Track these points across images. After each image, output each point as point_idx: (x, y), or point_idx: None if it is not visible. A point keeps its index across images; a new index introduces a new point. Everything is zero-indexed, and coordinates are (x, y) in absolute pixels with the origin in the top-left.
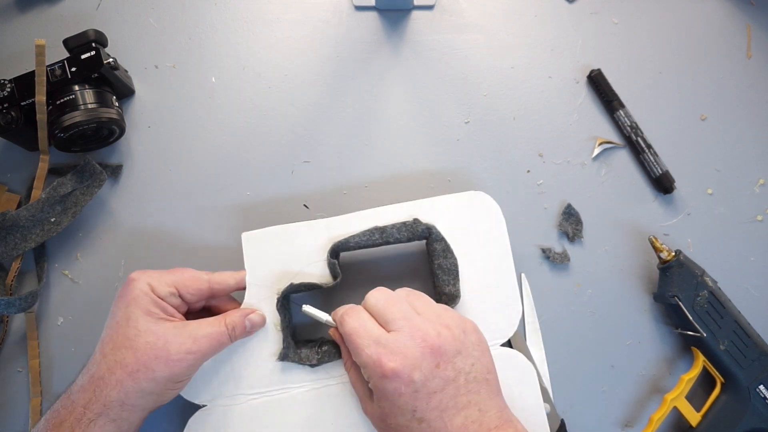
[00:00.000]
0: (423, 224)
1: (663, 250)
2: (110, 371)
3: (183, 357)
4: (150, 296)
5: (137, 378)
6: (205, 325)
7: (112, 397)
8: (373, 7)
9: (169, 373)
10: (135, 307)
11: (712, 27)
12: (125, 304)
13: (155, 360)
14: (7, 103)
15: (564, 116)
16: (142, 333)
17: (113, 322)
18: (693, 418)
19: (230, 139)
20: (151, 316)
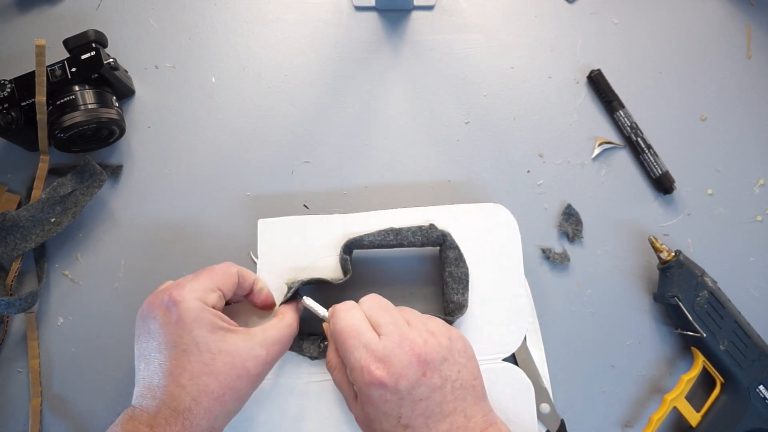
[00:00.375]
0: (438, 230)
1: (663, 250)
2: (196, 401)
3: (261, 369)
4: (208, 311)
5: (224, 401)
6: (272, 330)
7: (203, 426)
8: (373, 7)
9: (252, 388)
10: (199, 330)
11: (712, 27)
12: (186, 329)
13: (238, 380)
14: (7, 103)
15: (564, 116)
16: (218, 355)
17: (178, 352)
18: (693, 418)
19: (230, 139)
20: (217, 334)
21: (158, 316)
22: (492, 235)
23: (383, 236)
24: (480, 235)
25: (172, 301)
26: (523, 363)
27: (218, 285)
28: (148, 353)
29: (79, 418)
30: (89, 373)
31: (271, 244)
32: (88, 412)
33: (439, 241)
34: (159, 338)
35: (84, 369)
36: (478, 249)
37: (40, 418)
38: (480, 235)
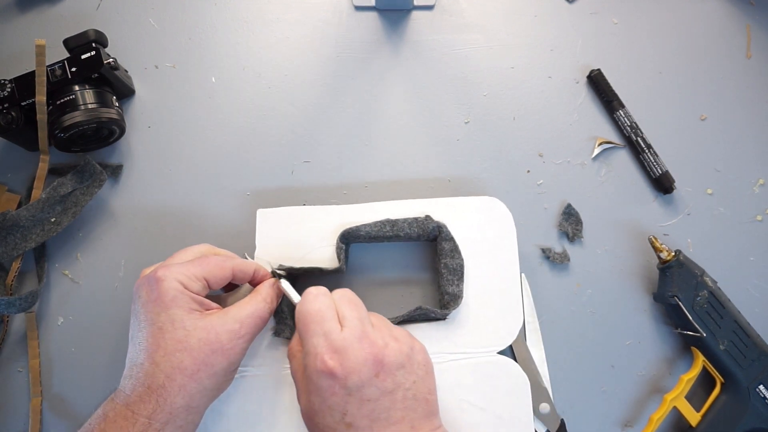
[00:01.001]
0: (434, 222)
1: (663, 250)
2: (170, 378)
3: (236, 343)
4: (186, 294)
5: (199, 378)
6: (245, 306)
7: (178, 404)
8: (373, 7)
9: (227, 363)
10: (176, 308)
11: (712, 27)
12: (164, 307)
13: (212, 354)
14: (7, 103)
15: (564, 116)
16: (192, 332)
17: (154, 328)
18: (693, 418)
19: (230, 139)
20: (193, 314)
21: (142, 294)
22: (487, 228)
23: (380, 227)
24: (475, 227)
25: (155, 279)
26: (523, 363)
27: (205, 275)
28: (133, 333)
29: (79, 418)
30: (89, 373)
31: (268, 233)
32: (88, 412)
33: (434, 233)
34: (140, 316)
35: (84, 369)
36: (473, 241)
37: (40, 418)
38: (475, 228)
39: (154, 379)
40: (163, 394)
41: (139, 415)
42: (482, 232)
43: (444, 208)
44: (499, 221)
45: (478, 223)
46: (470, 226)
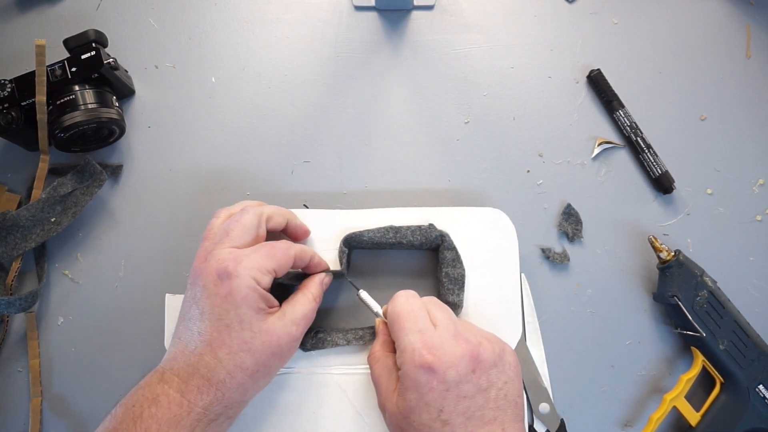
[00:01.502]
0: (437, 230)
1: (663, 250)
2: (230, 375)
3: (292, 346)
4: (258, 292)
5: (257, 377)
6: (299, 306)
7: (234, 399)
8: (373, 7)
9: (280, 364)
10: (246, 308)
11: (712, 27)
12: (234, 304)
13: (272, 357)
14: (8, 103)
15: (564, 116)
16: (257, 334)
17: (221, 324)
18: (692, 417)
19: (230, 139)
20: (260, 314)
21: (208, 284)
22: (490, 239)
23: (383, 233)
24: (478, 238)
25: (227, 273)
26: (523, 363)
27: (275, 267)
28: (188, 318)
29: (79, 418)
30: (89, 373)
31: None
32: (88, 412)
33: (437, 242)
34: (203, 307)
35: (84, 369)
36: (476, 252)
37: (40, 418)
38: (478, 239)
39: (215, 373)
40: (222, 389)
41: (195, 405)
42: (484, 242)
43: (447, 217)
44: (502, 233)
45: (481, 233)
46: (473, 237)
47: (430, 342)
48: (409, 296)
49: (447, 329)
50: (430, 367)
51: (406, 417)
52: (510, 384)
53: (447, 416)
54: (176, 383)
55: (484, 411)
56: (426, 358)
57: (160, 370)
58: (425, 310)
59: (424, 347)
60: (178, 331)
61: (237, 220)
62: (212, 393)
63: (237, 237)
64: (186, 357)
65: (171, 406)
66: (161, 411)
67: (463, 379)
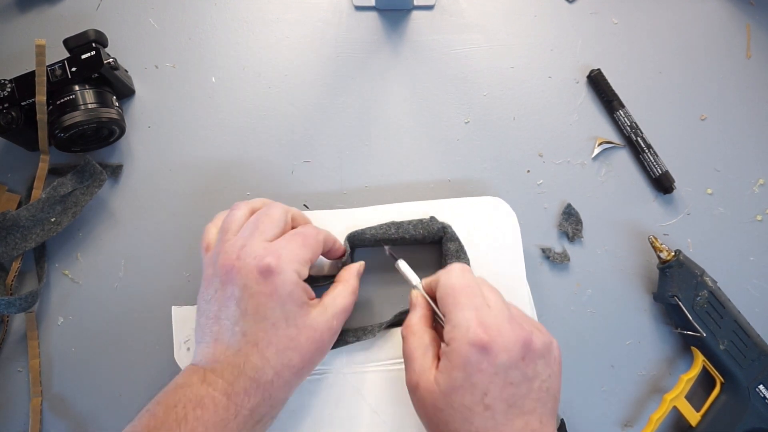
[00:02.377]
0: (439, 223)
1: (663, 250)
2: (278, 375)
3: (332, 339)
4: (301, 286)
5: (302, 374)
6: (339, 299)
7: (280, 398)
8: (373, 7)
9: (321, 358)
10: (291, 305)
11: (712, 27)
12: (279, 302)
13: (316, 352)
14: (7, 103)
15: (564, 116)
16: (302, 330)
17: (267, 324)
18: (693, 417)
19: (230, 139)
20: (304, 308)
21: (249, 282)
22: (492, 228)
23: (385, 229)
24: (480, 228)
25: (269, 270)
26: None
27: (311, 256)
28: (226, 317)
29: (79, 418)
30: (89, 373)
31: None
32: (88, 412)
33: (439, 234)
34: (245, 306)
35: (84, 369)
36: (478, 242)
37: (40, 418)
38: (480, 228)
39: (262, 374)
40: (269, 389)
41: (243, 407)
42: (486, 232)
43: (448, 209)
44: (503, 221)
45: (482, 223)
46: (474, 227)
47: (485, 321)
48: (465, 270)
49: (502, 311)
50: (484, 346)
51: (447, 396)
52: (553, 378)
53: (490, 401)
54: (221, 385)
55: (525, 401)
56: (481, 337)
57: (200, 371)
58: (480, 287)
59: (479, 325)
60: (214, 331)
61: (266, 213)
62: (260, 394)
63: (267, 230)
64: (229, 359)
65: (217, 410)
66: (207, 414)
67: (513, 365)
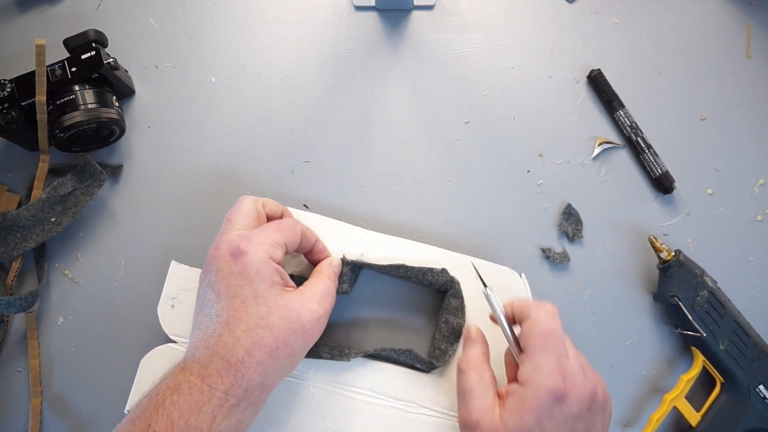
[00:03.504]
0: (448, 275)
1: (663, 250)
2: (249, 354)
3: (315, 324)
4: (271, 265)
5: (277, 356)
6: (316, 286)
7: (254, 381)
8: (373, 7)
9: (305, 344)
10: (260, 282)
11: (712, 27)
12: (248, 280)
13: (292, 334)
14: (8, 103)
15: (564, 116)
16: (274, 309)
17: (237, 302)
18: (693, 417)
19: (230, 139)
20: (275, 288)
21: (222, 266)
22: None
23: (394, 270)
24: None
25: (239, 251)
26: None
27: (285, 241)
28: (206, 304)
29: (79, 418)
30: (89, 373)
31: None
32: (88, 412)
33: (446, 287)
34: (218, 288)
35: (84, 369)
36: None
37: (40, 418)
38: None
39: (233, 353)
40: (242, 370)
41: (216, 389)
42: None
43: (462, 265)
44: (513, 294)
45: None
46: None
47: (565, 369)
48: (556, 314)
49: (576, 362)
50: (561, 394)
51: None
52: (605, 429)
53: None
54: (197, 369)
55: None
56: (560, 386)
57: (182, 360)
58: (563, 336)
59: (560, 373)
60: (197, 321)
61: (235, 208)
62: (232, 375)
63: (239, 221)
64: (206, 342)
65: (192, 393)
66: (183, 398)
67: (580, 416)
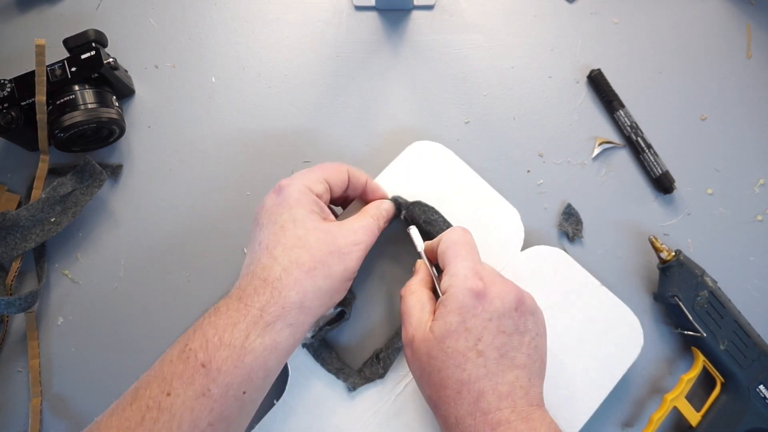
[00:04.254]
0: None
1: (663, 250)
2: (286, 272)
3: (352, 248)
4: (310, 196)
5: (315, 275)
6: (357, 220)
7: (292, 299)
8: (373, 7)
9: (343, 267)
10: (299, 208)
11: (712, 27)
12: (287, 207)
13: (329, 255)
14: (7, 103)
15: (564, 116)
16: (311, 231)
17: (276, 227)
18: (693, 418)
19: (230, 138)
20: (313, 215)
21: (266, 203)
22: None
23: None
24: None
25: (280, 187)
26: None
27: (326, 177)
28: (253, 241)
29: (79, 418)
30: (89, 373)
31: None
32: (88, 412)
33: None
34: (261, 220)
35: (84, 369)
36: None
37: (40, 418)
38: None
39: (270, 271)
40: (278, 287)
41: (252, 306)
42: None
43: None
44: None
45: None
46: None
47: (482, 272)
48: (466, 231)
49: (493, 269)
50: (479, 292)
51: (441, 341)
52: (540, 338)
53: (483, 347)
54: (236, 293)
55: (517, 354)
56: (477, 284)
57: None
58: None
59: (475, 274)
60: (245, 262)
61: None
62: (268, 292)
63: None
64: (248, 268)
65: (229, 311)
66: (219, 318)
67: (506, 314)
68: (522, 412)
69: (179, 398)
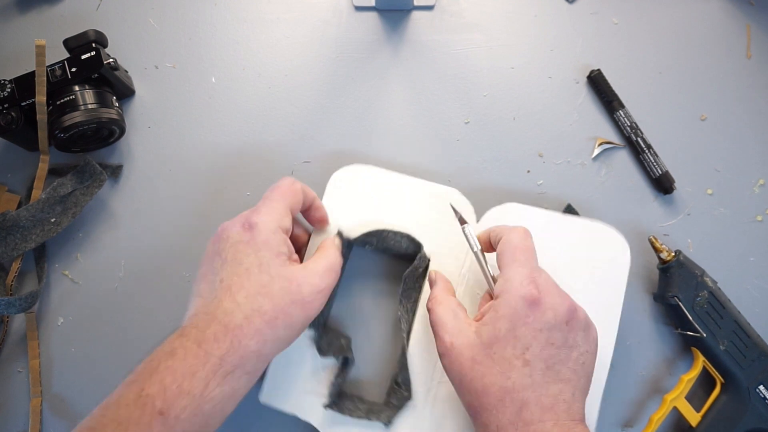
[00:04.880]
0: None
1: (663, 250)
2: (248, 320)
3: (315, 297)
4: (279, 236)
5: (275, 326)
6: (320, 261)
7: (251, 348)
8: (373, 7)
9: (305, 316)
10: (266, 251)
11: (712, 27)
12: (255, 248)
13: (291, 305)
14: (7, 103)
15: (564, 116)
16: (276, 278)
17: (241, 269)
18: (693, 418)
19: (230, 139)
20: (280, 258)
21: (232, 235)
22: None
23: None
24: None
25: (249, 224)
26: None
27: (290, 206)
28: (211, 272)
29: (79, 418)
30: (89, 373)
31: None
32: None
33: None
34: (225, 256)
35: (84, 369)
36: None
37: (40, 418)
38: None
39: (232, 318)
40: (239, 335)
41: (212, 354)
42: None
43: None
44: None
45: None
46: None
47: (538, 279)
48: (528, 234)
49: (550, 279)
50: (534, 300)
51: (488, 347)
52: (589, 356)
53: (530, 356)
54: (194, 334)
55: (563, 368)
56: (532, 292)
57: (180, 328)
58: (536, 254)
59: (531, 282)
60: (199, 288)
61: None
62: (228, 340)
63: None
64: (206, 307)
65: (187, 358)
66: (177, 363)
67: (557, 326)
68: (564, 426)
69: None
